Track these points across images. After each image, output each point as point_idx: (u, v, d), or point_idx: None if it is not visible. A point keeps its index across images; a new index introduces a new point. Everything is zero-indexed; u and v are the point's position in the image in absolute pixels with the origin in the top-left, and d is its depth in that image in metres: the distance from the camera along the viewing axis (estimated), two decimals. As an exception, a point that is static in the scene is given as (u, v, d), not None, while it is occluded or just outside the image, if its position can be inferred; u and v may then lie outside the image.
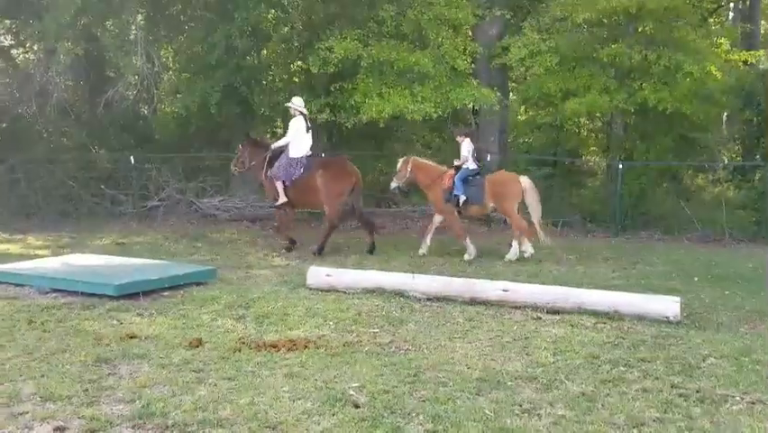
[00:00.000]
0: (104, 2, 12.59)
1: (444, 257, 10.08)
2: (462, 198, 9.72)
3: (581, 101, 12.25)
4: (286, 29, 13.39)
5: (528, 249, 9.64)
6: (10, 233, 12.50)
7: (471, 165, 9.90)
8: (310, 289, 7.59)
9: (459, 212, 10.03)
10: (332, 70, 12.51)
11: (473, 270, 9.07)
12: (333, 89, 12.87)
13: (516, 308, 6.67)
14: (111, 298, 6.98)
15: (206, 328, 6.02)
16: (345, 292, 7.40)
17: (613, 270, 9.27)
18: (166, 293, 7.38)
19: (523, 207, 9.87)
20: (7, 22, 13.96)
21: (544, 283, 7.57)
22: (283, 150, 10.27)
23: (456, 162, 10.02)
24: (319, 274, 7.65)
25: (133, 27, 13.84)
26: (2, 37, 14.23)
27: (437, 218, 10.27)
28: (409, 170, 10.17)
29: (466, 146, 9.96)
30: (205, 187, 14.59)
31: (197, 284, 7.83)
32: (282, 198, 10.21)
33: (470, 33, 14.05)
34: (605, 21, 13.20)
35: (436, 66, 12.08)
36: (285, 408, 4.14)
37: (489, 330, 5.98)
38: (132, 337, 5.64)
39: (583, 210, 13.95)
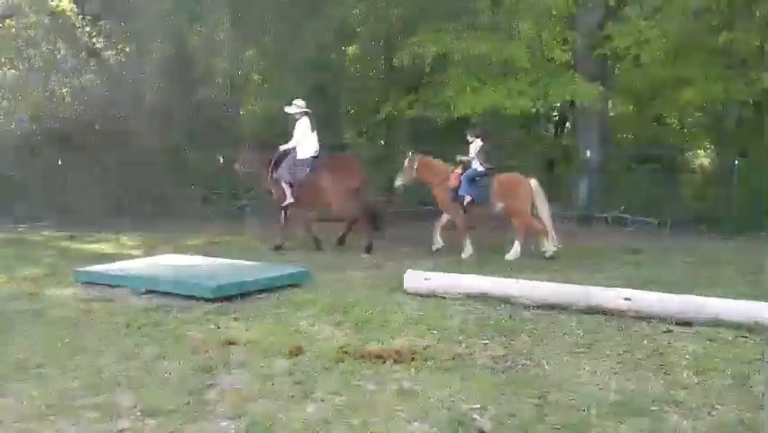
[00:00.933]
0: (193, 3, 12.64)
1: (538, 260, 9.49)
2: (468, 199, 9.69)
3: (697, 90, 11.29)
4: (375, 25, 13.02)
5: (550, 249, 9.56)
6: (103, 232, 12.72)
7: (478, 167, 9.80)
8: (407, 293, 7.18)
9: (464, 211, 9.90)
10: (422, 65, 12.07)
11: (580, 276, 8.42)
12: (423, 83, 12.42)
13: (639, 318, 6.03)
14: (207, 300, 6.80)
15: (305, 335, 5.68)
16: (445, 297, 6.94)
17: (740, 275, 8.40)
18: (261, 296, 7.15)
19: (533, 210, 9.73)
20: (100, 23, 14.24)
21: (665, 291, 6.86)
22: (288, 152, 10.30)
23: (459, 158, 9.99)
24: (417, 278, 7.22)
25: (221, 28, 13.86)
26: (94, 39, 14.55)
27: (444, 217, 10.24)
28: (415, 168, 10.14)
29: (475, 147, 9.90)
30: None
31: (292, 286, 7.57)
32: (289, 199, 10.26)
33: (569, 23, 13.28)
34: (717, 5, 12.17)
35: (533, 58, 11.42)
36: (403, 431, 3.72)
37: (615, 344, 5.37)
38: (230, 344, 5.37)
39: (689, 210, 12.98)
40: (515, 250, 9.62)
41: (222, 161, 14.16)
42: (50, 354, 5.06)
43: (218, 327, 5.94)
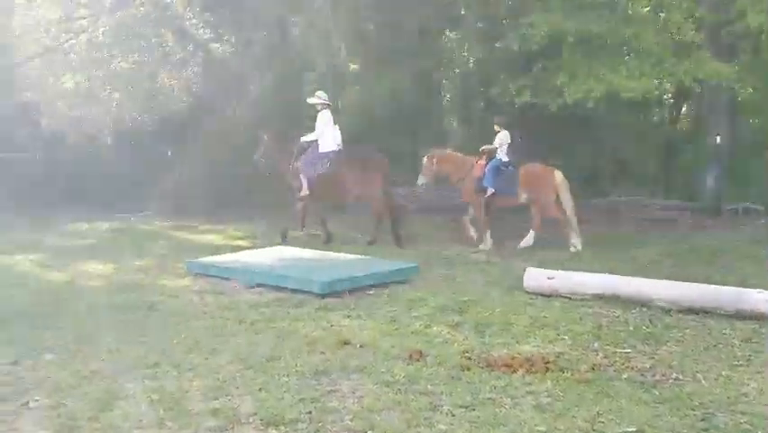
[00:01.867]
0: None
1: (660, 257, 8.72)
2: (491, 190, 9.49)
3: None
4: (481, 7, 12.43)
5: (578, 244, 9.24)
6: (213, 223, 12.85)
7: (504, 157, 9.59)
8: (528, 292, 6.67)
9: (487, 202, 9.65)
10: (533, 48, 11.39)
11: (713, 275, 7.59)
12: (534, 69, 11.73)
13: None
14: (317, 295, 6.56)
15: (423, 337, 5.31)
16: (571, 298, 6.39)
17: None
18: (371, 291, 6.85)
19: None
20: (207, 15, 14.37)
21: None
22: (310, 144, 10.16)
23: (482, 148, 9.77)
24: (539, 276, 6.69)
25: (324, 16, 13.67)
26: (201, 30, 14.72)
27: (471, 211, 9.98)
28: (435, 163, 9.97)
29: (501, 136, 9.64)
30: (393, 178, 14.10)
31: (401, 282, 7.23)
32: (305, 192, 10.11)
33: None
34: None
35: (657, 37, 10.50)
36: (552, 459, 3.27)
37: (781, 357, 4.69)
38: (345, 344, 5.08)
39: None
40: (528, 238, 9.47)
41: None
42: (165, 351, 4.93)
43: (331, 325, 5.67)
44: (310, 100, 10.52)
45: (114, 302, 6.43)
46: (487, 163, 9.61)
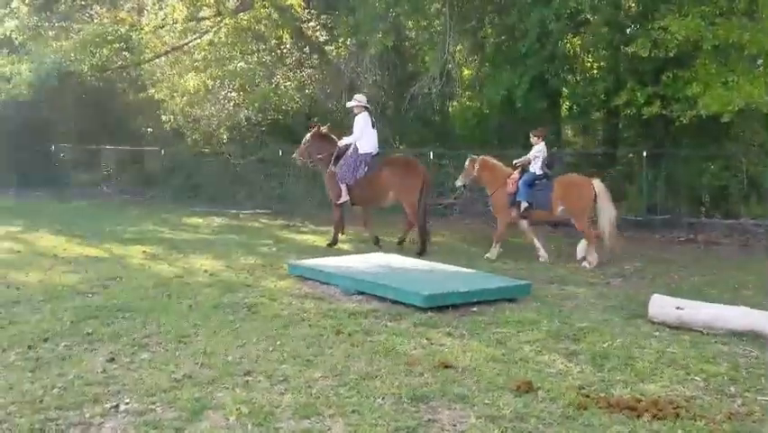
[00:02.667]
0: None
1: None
2: (524, 205, 9.17)
3: None
4: (609, 10, 11.67)
5: (594, 260, 8.88)
6: (317, 224, 12.83)
7: (538, 170, 9.23)
8: (653, 322, 6.02)
9: (524, 217, 9.35)
10: (664, 55, 10.56)
11: None
12: (665, 78, 10.87)
13: None
14: (418, 309, 6.23)
15: (533, 366, 4.84)
16: (703, 333, 5.69)
17: None
18: (475, 309, 6.42)
19: (594, 212, 9.06)
20: (323, 17, 14.45)
21: None
22: (348, 147, 9.91)
23: (516, 162, 9.55)
24: (666, 305, 6.02)
25: (440, 18, 13.37)
26: (318, 33, 14.82)
27: (524, 225, 9.58)
28: (476, 168, 9.65)
29: (538, 148, 9.31)
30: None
31: (509, 301, 6.76)
32: (344, 198, 9.90)
33: None
34: None
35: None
36: None
37: None
38: (446, 366, 4.70)
39: None
40: (581, 247, 9.06)
41: (432, 156, 13.69)
42: (259, 359, 4.76)
43: (431, 343, 5.31)
44: (349, 104, 10.36)
45: (217, 301, 6.38)
46: (521, 177, 9.29)
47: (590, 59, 13.22)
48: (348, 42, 14.00)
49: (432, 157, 13.84)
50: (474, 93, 15.43)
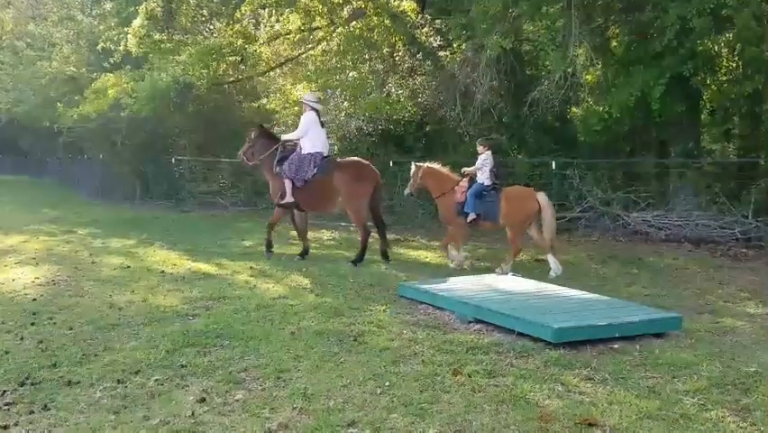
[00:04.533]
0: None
1: None
2: (472, 216, 9.11)
3: None
4: (760, 2, 10.25)
5: (557, 269, 8.73)
6: (429, 238, 12.19)
7: (486, 180, 9.16)
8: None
9: (471, 227, 9.35)
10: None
11: None
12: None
13: None
14: (547, 344, 5.39)
15: (699, 425, 3.91)
16: None
17: None
18: (616, 345, 5.49)
19: (537, 225, 8.94)
20: (437, 22, 13.82)
21: None
22: (294, 146, 9.59)
23: (464, 170, 9.54)
24: None
25: (563, 18, 12.35)
26: (431, 38, 14.21)
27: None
28: (420, 176, 9.57)
29: (483, 158, 9.25)
30: (635, 198, 12.35)
31: (656, 336, 5.76)
32: (289, 198, 9.37)
33: None
34: None
35: None
36: None
37: None
38: (591, 425, 3.87)
39: None
40: (506, 267, 8.78)
41: (554, 166, 12.67)
42: (365, 404, 4.12)
43: (567, 390, 4.48)
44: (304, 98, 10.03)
45: (322, 328, 5.82)
46: (469, 187, 9.19)
47: (735, 58, 11.73)
48: (463, 47, 13.26)
49: (554, 167, 12.84)
50: (601, 96, 14.21)
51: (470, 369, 4.85)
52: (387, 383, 4.49)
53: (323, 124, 9.68)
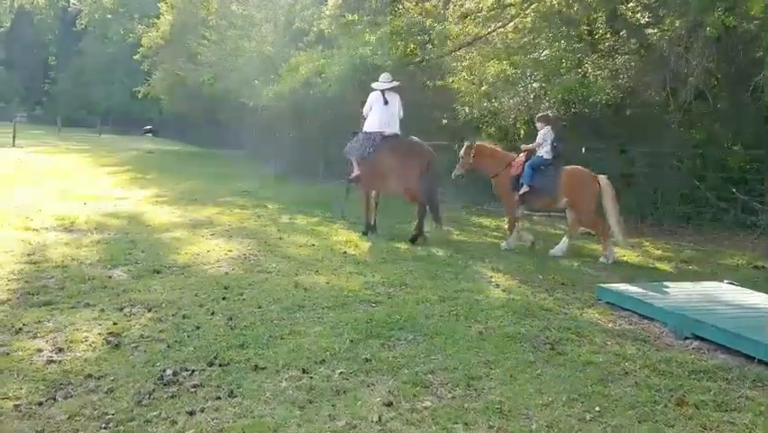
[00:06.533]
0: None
1: None
2: (525, 188, 8.97)
3: None
4: None
5: (610, 258, 8.61)
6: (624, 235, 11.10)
7: (546, 154, 8.99)
8: None
9: (523, 201, 9.18)
10: None
11: None
12: None
13: None
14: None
15: None
16: None
17: None
18: None
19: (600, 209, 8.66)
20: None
21: None
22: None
23: (523, 147, 9.50)
24: None
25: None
26: (638, 14, 12.86)
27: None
28: (472, 156, 9.48)
29: (543, 133, 9.11)
30: None
31: None
32: (356, 173, 9.61)
33: None
34: None
35: None
36: None
37: None
38: None
39: None
40: (561, 246, 8.94)
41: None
42: (573, 431, 3.53)
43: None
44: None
45: (513, 330, 5.26)
46: (526, 160, 9.08)
47: None
48: (676, 24, 11.82)
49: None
50: None
51: (695, 398, 4.08)
52: (596, 408, 3.86)
53: (386, 102, 9.51)
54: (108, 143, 37.24)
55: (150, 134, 52.77)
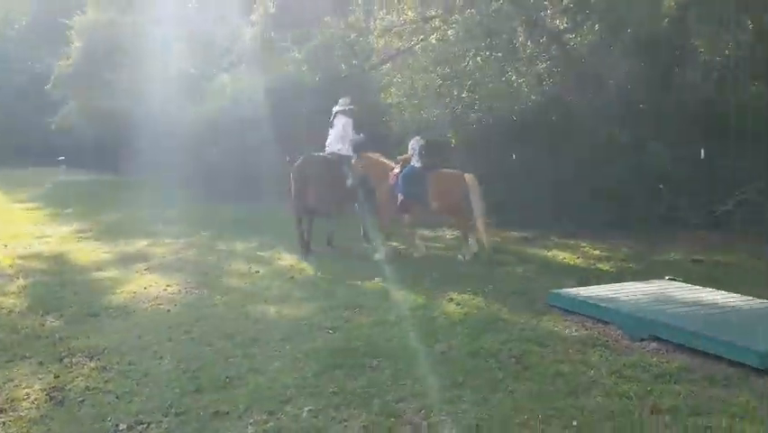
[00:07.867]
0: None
1: None
2: (400, 198, 9.33)
3: None
4: None
5: (467, 254, 9.05)
6: (561, 236, 11.30)
7: (416, 163, 9.35)
8: None
9: (404, 211, 9.55)
10: None
11: None
12: None
13: None
14: (752, 370, 4.52)
15: None
16: None
17: None
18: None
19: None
20: (564, 2, 12.75)
21: None
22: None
23: (399, 157, 9.78)
24: None
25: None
26: (557, 21, 13.18)
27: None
28: (360, 166, 9.80)
29: (412, 143, 9.50)
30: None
31: None
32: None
33: None
34: None
35: None
36: None
37: None
38: None
39: None
40: (472, 247, 9.11)
41: (702, 155, 11.46)
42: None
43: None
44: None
45: (475, 346, 5.17)
46: (401, 171, 9.37)
47: None
48: (595, 27, 12.16)
49: (703, 156, 11.57)
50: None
51: (668, 403, 4.07)
52: (574, 423, 3.80)
53: (330, 125, 10.00)
54: (21, 177, 35.34)
55: (64, 166, 50.55)
